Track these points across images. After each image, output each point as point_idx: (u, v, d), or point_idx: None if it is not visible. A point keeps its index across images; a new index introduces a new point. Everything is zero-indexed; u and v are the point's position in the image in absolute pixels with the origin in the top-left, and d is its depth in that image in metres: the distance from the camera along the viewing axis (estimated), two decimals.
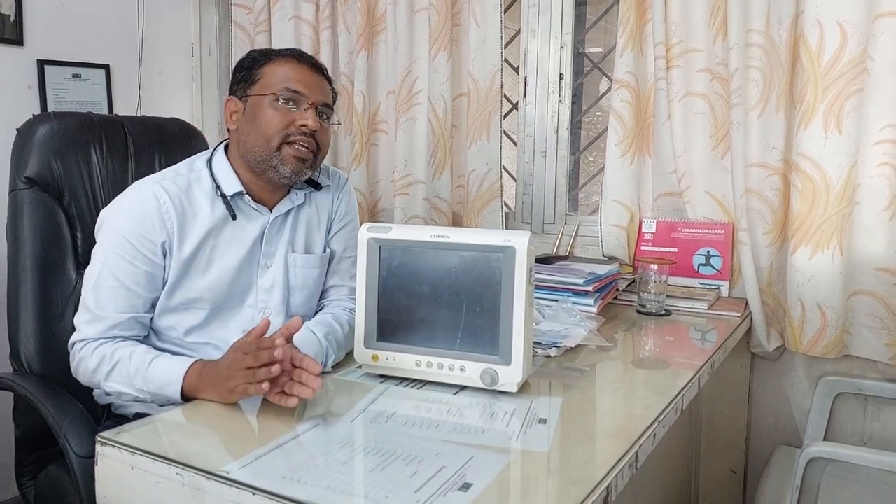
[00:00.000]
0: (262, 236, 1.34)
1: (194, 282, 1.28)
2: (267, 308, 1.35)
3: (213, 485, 0.85)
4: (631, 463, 0.93)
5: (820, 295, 1.65)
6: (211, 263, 1.29)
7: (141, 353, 1.19)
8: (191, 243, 1.27)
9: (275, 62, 1.30)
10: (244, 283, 1.33)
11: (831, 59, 1.60)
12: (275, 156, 1.27)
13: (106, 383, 1.20)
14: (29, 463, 1.42)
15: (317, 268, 1.42)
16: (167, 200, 1.25)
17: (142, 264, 1.23)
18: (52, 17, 2.19)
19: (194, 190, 1.29)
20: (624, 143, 1.88)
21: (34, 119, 1.46)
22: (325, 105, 1.32)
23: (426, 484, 0.84)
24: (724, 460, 1.91)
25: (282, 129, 1.27)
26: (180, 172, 1.31)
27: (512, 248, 1.10)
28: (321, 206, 1.44)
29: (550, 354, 1.33)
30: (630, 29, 1.84)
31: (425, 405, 1.10)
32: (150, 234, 1.24)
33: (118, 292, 1.22)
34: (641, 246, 1.91)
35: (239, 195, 1.31)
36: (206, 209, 1.29)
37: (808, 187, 1.64)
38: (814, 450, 1.37)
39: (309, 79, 1.30)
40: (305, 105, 1.28)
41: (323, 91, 1.32)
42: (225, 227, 1.30)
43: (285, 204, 1.36)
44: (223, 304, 1.31)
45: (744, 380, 1.85)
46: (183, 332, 1.29)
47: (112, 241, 1.24)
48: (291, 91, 1.28)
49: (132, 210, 1.25)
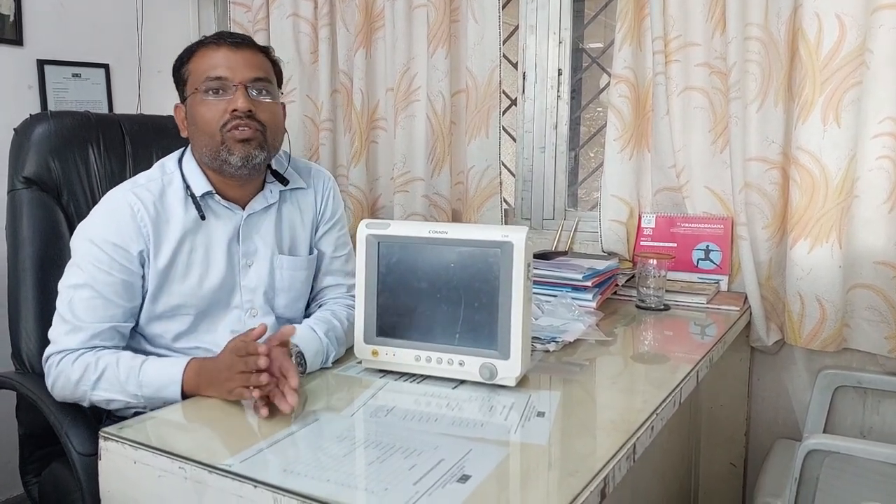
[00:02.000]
0: (237, 235, 1.31)
1: (175, 288, 1.26)
2: (253, 308, 1.34)
3: (215, 478, 0.86)
4: (629, 455, 0.94)
5: (819, 288, 1.65)
6: (190, 268, 1.27)
7: (127, 358, 1.17)
8: (167, 249, 1.25)
9: (196, 55, 1.26)
10: (227, 284, 1.31)
11: (830, 52, 1.60)
12: (221, 148, 1.23)
13: (93, 392, 1.16)
14: (33, 461, 1.43)
15: (304, 269, 1.40)
16: (141, 208, 1.23)
17: (118, 273, 1.21)
18: (51, 17, 2.20)
19: (167, 194, 1.27)
20: (623, 138, 1.88)
21: (31, 119, 1.46)
22: (257, 80, 1.25)
23: (425, 476, 0.84)
24: (723, 454, 1.91)
25: (217, 121, 1.22)
26: (153, 177, 1.29)
27: (510, 244, 1.10)
28: (304, 205, 1.41)
29: (549, 349, 1.33)
30: (628, 23, 1.84)
31: (424, 399, 1.10)
32: (125, 244, 1.22)
33: (96, 302, 1.20)
34: (641, 241, 1.92)
35: (209, 195, 1.28)
36: (179, 212, 1.27)
37: (807, 181, 1.64)
38: (812, 442, 1.37)
39: (230, 60, 1.23)
40: (232, 88, 1.22)
41: (250, 66, 1.24)
42: (198, 229, 1.28)
43: (259, 201, 1.33)
44: (208, 308, 1.30)
45: (743, 374, 1.85)
46: (171, 338, 1.28)
47: (87, 251, 1.22)
48: (213, 79, 1.23)
49: (106, 220, 1.23)
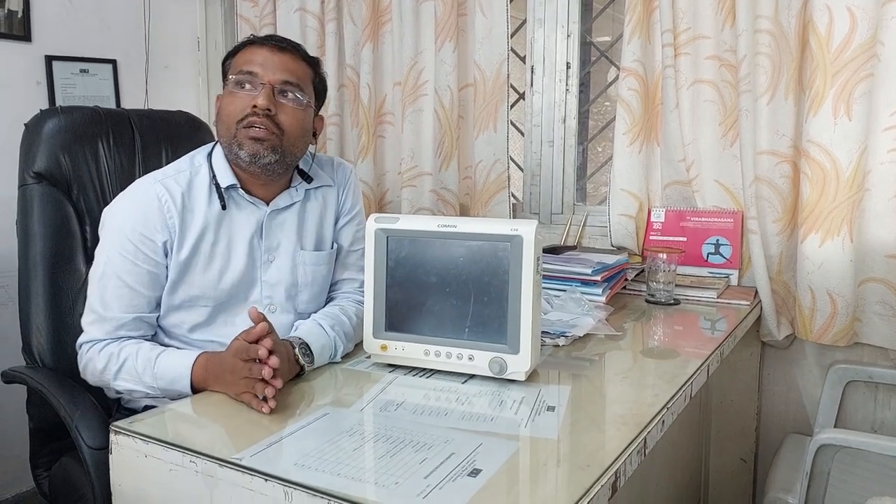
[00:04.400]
0: (260, 230, 1.32)
1: (195, 278, 1.27)
2: (273, 304, 1.34)
3: (226, 472, 0.86)
4: (640, 449, 0.93)
5: (830, 283, 1.64)
6: (211, 259, 1.28)
7: (146, 350, 1.19)
8: (190, 239, 1.26)
9: (241, 51, 1.28)
10: (247, 279, 1.32)
11: (841, 44, 1.58)
12: (234, 142, 1.24)
13: (115, 382, 1.20)
14: (43, 455, 1.43)
15: (325, 264, 1.41)
16: (168, 199, 1.24)
17: (144, 264, 1.23)
18: (59, 13, 2.20)
19: (195, 185, 1.28)
20: (632, 131, 1.87)
21: (41, 114, 1.46)
22: (287, 83, 1.25)
23: (436, 470, 0.84)
24: (734, 449, 1.90)
25: (237, 113, 1.23)
26: (181, 168, 1.30)
27: (519, 237, 1.10)
28: (329, 201, 1.42)
29: (559, 344, 1.33)
30: (637, 16, 1.82)
31: (434, 394, 1.10)
32: (152, 234, 1.23)
33: (122, 292, 1.22)
34: (650, 235, 1.91)
35: (233, 188, 1.29)
36: (204, 203, 1.28)
37: (818, 174, 1.63)
38: (824, 437, 1.36)
39: (266, 59, 1.25)
40: (259, 85, 1.23)
41: (284, 68, 1.25)
42: (221, 221, 1.29)
43: (283, 199, 1.34)
44: (226, 301, 1.30)
45: (754, 368, 1.85)
46: (188, 329, 1.29)
47: (114, 240, 1.23)
48: (244, 73, 1.24)
49: (134, 210, 1.24)
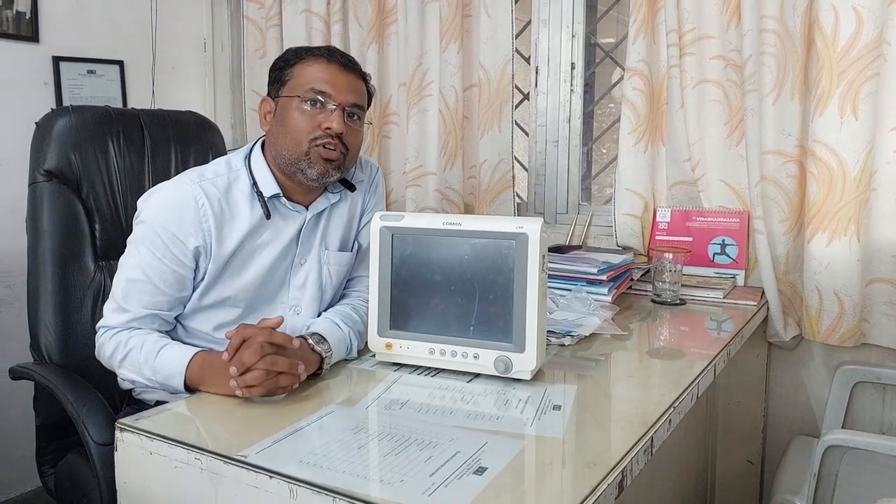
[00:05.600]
0: (298, 236, 1.33)
1: (229, 282, 1.28)
2: (298, 305, 1.35)
3: (231, 469, 0.86)
4: (646, 448, 0.93)
5: (837, 283, 1.63)
6: (247, 264, 1.29)
7: (151, 342, 1.19)
8: (229, 245, 1.26)
9: (304, 62, 1.28)
10: (277, 281, 1.33)
11: (847, 43, 1.58)
12: (304, 158, 1.25)
13: (120, 370, 1.22)
14: (49, 451, 1.44)
15: (348, 264, 1.42)
16: (206, 203, 1.24)
17: (171, 263, 1.23)
18: (66, 14, 2.22)
19: (233, 191, 1.28)
20: (637, 131, 1.87)
21: (53, 113, 1.47)
22: (355, 105, 1.28)
23: (441, 468, 0.84)
24: (740, 451, 1.90)
25: (308, 132, 1.24)
26: (219, 172, 1.29)
27: (524, 235, 1.10)
28: (356, 201, 1.43)
29: (564, 343, 1.33)
30: (642, 16, 1.82)
31: (439, 393, 1.10)
32: (184, 237, 1.23)
33: (144, 287, 1.23)
34: (656, 235, 1.91)
35: (276, 197, 1.30)
36: (245, 211, 1.28)
37: (825, 174, 1.62)
38: (831, 437, 1.35)
39: (337, 79, 1.26)
40: (332, 106, 1.25)
41: (352, 90, 1.28)
42: (263, 227, 1.29)
43: (321, 203, 1.35)
44: (255, 302, 1.31)
45: (760, 369, 1.84)
46: (213, 327, 1.29)
47: (145, 234, 1.23)
48: (317, 92, 1.25)
49: (169, 208, 1.24)
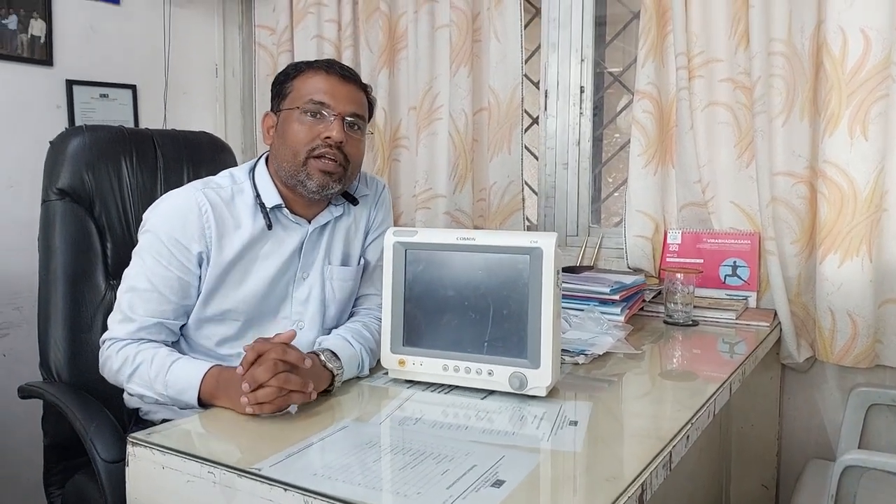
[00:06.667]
0: (300, 249, 1.33)
1: (229, 293, 1.28)
2: (301, 321, 1.34)
3: (245, 482, 0.85)
4: (665, 463, 0.92)
5: (850, 304, 1.62)
6: (247, 275, 1.29)
7: (162, 356, 1.19)
8: (228, 254, 1.26)
9: (304, 74, 1.30)
10: (279, 294, 1.33)
11: (855, 65, 1.59)
12: (301, 170, 1.26)
13: (128, 385, 1.20)
14: (57, 472, 1.42)
15: (352, 280, 1.41)
16: (209, 209, 1.25)
17: (176, 270, 1.24)
18: (80, 39, 2.25)
19: (237, 202, 1.29)
20: (647, 153, 1.88)
21: (67, 132, 1.49)
22: (355, 115, 1.29)
23: (458, 481, 0.83)
24: (754, 475, 1.86)
25: (307, 142, 1.25)
26: (223, 184, 1.31)
27: (539, 250, 1.09)
28: (360, 216, 1.43)
29: (578, 362, 1.31)
30: (651, 40, 1.84)
31: (453, 410, 1.09)
32: (188, 242, 1.24)
33: (150, 296, 1.23)
34: (667, 257, 1.90)
35: (278, 208, 1.30)
36: (248, 221, 1.28)
37: (836, 195, 1.62)
38: (849, 458, 1.33)
39: (336, 89, 1.28)
40: (331, 116, 1.26)
41: (352, 101, 1.29)
42: (264, 239, 1.30)
43: (324, 216, 1.35)
44: (257, 315, 1.31)
45: (774, 392, 1.82)
46: (216, 342, 1.29)
47: (150, 244, 1.24)
48: (316, 103, 1.26)
49: (173, 215, 1.25)
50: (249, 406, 1.02)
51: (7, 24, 2.05)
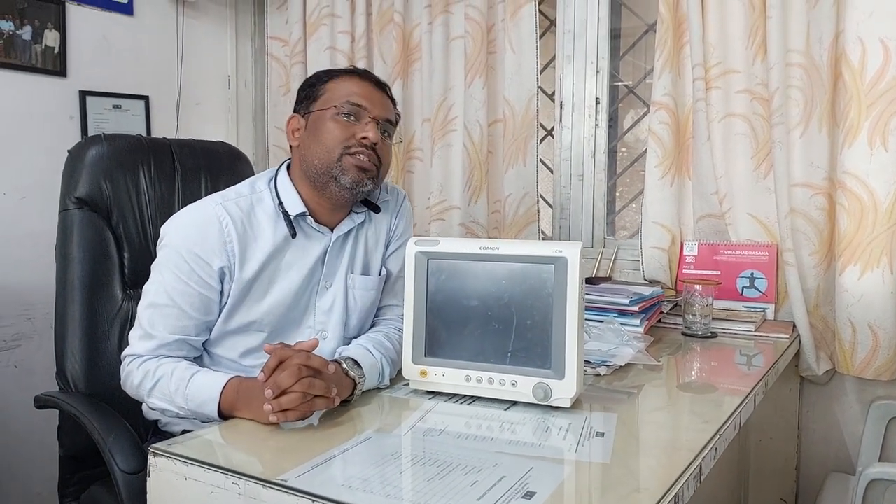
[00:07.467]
0: (323, 257, 1.32)
1: (253, 305, 1.26)
2: (325, 330, 1.33)
3: (270, 493, 0.83)
4: (695, 475, 0.90)
5: (871, 315, 1.61)
6: (272, 286, 1.28)
7: (181, 370, 1.17)
8: (252, 266, 1.25)
9: (338, 79, 1.31)
10: (303, 304, 1.31)
11: (875, 76, 1.59)
12: (336, 166, 1.25)
13: (149, 399, 1.19)
14: (73, 483, 1.41)
15: (374, 289, 1.40)
16: (229, 223, 1.24)
17: (196, 286, 1.22)
18: (94, 50, 2.25)
19: (256, 212, 1.28)
20: (664, 164, 1.87)
21: (85, 141, 1.49)
22: (387, 121, 1.31)
23: (488, 492, 0.82)
24: (774, 489, 1.84)
25: (343, 140, 1.26)
26: (242, 193, 1.30)
27: (564, 259, 1.08)
28: (380, 225, 1.42)
29: (600, 373, 1.30)
30: (668, 51, 1.84)
31: (476, 421, 1.07)
32: (208, 257, 1.22)
33: (170, 311, 1.21)
34: (683, 269, 1.89)
35: (301, 216, 1.30)
36: (268, 231, 1.27)
37: (855, 205, 1.61)
38: (874, 471, 1.31)
39: (371, 94, 1.30)
40: (367, 119, 1.28)
41: (385, 107, 1.32)
42: (287, 248, 1.29)
43: (346, 224, 1.35)
44: (282, 326, 1.30)
45: (793, 405, 1.80)
46: (240, 353, 1.28)
47: (170, 258, 1.22)
48: (353, 104, 1.27)
49: (193, 230, 1.23)
50: (273, 414, 1.00)
51: (21, 34, 2.06)
